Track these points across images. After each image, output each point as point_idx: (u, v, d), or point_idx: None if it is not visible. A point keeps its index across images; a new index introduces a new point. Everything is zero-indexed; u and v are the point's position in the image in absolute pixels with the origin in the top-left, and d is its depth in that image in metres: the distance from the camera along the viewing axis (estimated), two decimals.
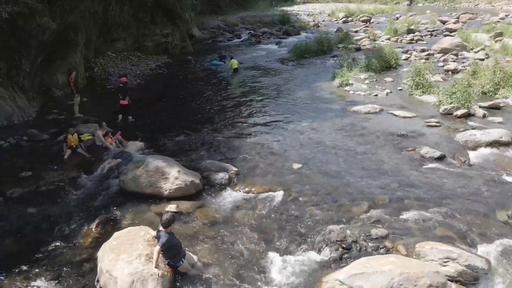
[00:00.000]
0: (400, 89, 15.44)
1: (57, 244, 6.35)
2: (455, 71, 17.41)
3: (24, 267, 5.78)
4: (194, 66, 21.09)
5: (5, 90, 11.85)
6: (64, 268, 5.78)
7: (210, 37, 30.72)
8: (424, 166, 9.04)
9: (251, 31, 33.69)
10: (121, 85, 12.53)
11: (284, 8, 49.30)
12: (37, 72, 14.00)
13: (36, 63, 13.62)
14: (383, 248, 6.21)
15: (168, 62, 21.56)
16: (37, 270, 5.73)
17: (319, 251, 6.22)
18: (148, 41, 22.32)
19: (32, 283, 5.48)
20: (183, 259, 5.58)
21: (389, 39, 26.90)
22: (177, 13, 22.99)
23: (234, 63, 19.10)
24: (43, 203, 7.56)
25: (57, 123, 11.87)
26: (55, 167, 8.91)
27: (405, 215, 7.05)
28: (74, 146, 9.72)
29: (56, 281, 5.51)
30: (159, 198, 7.64)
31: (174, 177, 7.74)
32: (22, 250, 6.22)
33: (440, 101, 13.08)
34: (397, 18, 36.51)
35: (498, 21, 31.87)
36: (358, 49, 23.45)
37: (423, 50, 22.33)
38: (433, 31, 29.98)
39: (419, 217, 6.99)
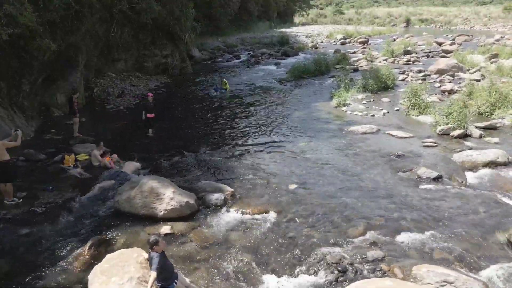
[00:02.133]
0: (397, 110, 15.55)
1: (49, 266, 6.25)
2: (451, 92, 17.58)
3: None
4: (193, 87, 21.30)
5: (3, 110, 11.94)
6: None
7: (210, 57, 31.20)
8: (421, 187, 9.01)
9: (251, 52, 34.24)
10: (147, 100, 13.19)
11: (283, 30, 50.25)
12: (37, 92, 14.15)
13: (36, 83, 13.79)
14: (379, 270, 6.12)
15: (167, 83, 21.82)
16: None
17: (314, 274, 6.12)
18: (148, 61, 22.65)
19: None
20: (176, 281, 5.48)
21: (386, 60, 27.30)
22: (177, 34, 23.41)
23: (224, 83, 19.82)
24: (37, 223, 7.48)
25: (55, 143, 11.90)
26: (51, 187, 8.87)
27: (402, 237, 6.98)
28: (72, 166, 9.72)
29: None
30: (153, 219, 7.57)
31: (169, 197, 7.70)
32: (13, 272, 6.12)
33: (436, 122, 13.15)
34: (394, 40, 37.14)
35: (494, 43, 32.42)
36: (355, 70, 23.79)
37: (419, 71, 22.62)
38: (430, 52, 30.45)
39: (416, 239, 6.92)
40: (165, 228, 7.21)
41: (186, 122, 14.69)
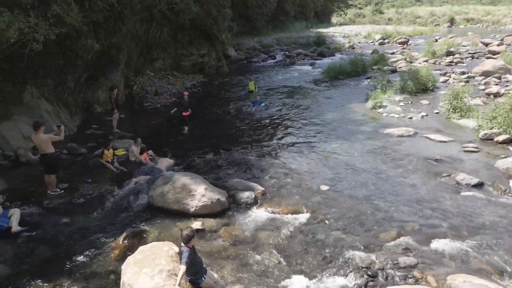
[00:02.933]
0: (437, 112, 14.95)
1: (86, 254, 6.54)
2: (497, 95, 16.62)
3: (54, 275, 5.98)
4: (228, 86, 21.55)
5: (50, 105, 12.64)
6: (91, 279, 5.94)
7: (245, 57, 31.41)
8: (459, 194, 8.61)
9: (286, 52, 34.13)
10: (183, 98, 13.56)
11: (320, 30, 49.63)
12: (81, 89, 14.87)
13: (80, 81, 14.49)
14: (411, 278, 5.92)
15: (203, 82, 22.21)
16: (65, 279, 5.92)
17: (343, 277, 6.01)
18: (185, 61, 23.16)
19: None
20: (204, 276, 5.58)
21: (426, 61, 26.28)
22: (214, 34, 23.78)
23: (251, 85, 18.54)
24: (76, 214, 7.87)
25: (95, 138, 12.45)
26: (90, 180, 9.30)
27: (437, 244, 6.71)
28: (110, 160, 10.14)
29: None
30: (185, 215, 7.74)
31: (201, 194, 7.84)
32: (54, 258, 6.47)
33: (479, 126, 12.50)
34: (436, 40, 35.67)
35: None
36: (393, 71, 23.09)
37: (463, 73, 21.57)
38: (475, 53, 28.96)
39: (452, 247, 6.63)
40: (196, 224, 7.34)
41: (220, 121, 14.89)
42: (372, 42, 42.10)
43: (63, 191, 8.69)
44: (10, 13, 9.62)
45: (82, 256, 6.49)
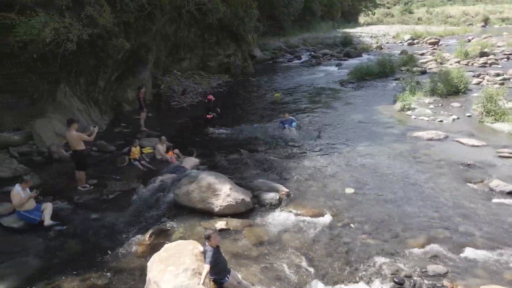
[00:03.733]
0: (469, 116, 14.42)
1: (113, 250, 6.71)
2: None
3: (82, 269, 6.17)
4: (253, 86, 21.59)
5: (82, 104, 13.05)
6: (117, 274, 6.09)
7: (271, 58, 31.39)
8: (493, 201, 8.27)
9: (312, 53, 33.86)
10: (207, 101, 13.83)
11: (347, 30, 48.96)
12: (111, 88, 15.27)
13: (110, 80, 14.89)
14: (440, 286, 5.72)
15: (228, 81, 22.34)
16: (93, 272, 6.09)
17: (368, 283, 5.89)
18: (212, 60, 23.39)
19: (87, 284, 5.82)
20: (228, 276, 5.60)
21: (458, 62, 25.39)
22: (240, 34, 23.89)
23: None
24: (104, 210, 8.09)
25: (124, 136, 12.76)
26: (118, 177, 9.53)
27: (468, 253, 6.46)
28: (137, 158, 10.36)
29: (108, 286, 5.80)
30: (209, 214, 7.80)
31: (226, 194, 7.87)
32: (83, 252, 6.67)
33: None
34: (469, 40, 34.46)
35: None
36: (423, 72, 22.46)
37: (497, 74, 20.71)
38: (510, 54, 27.71)
39: (484, 256, 6.37)
40: (220, 224, 7.38)
41: (245, 121, 14.92)
42: (401, 42, 41.10)
43: (92, 187, 8.94)
44: (46, 13, 10.00)
45: (109, 252, 6.66)
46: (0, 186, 8.67)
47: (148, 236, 7.00)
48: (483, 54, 26.67)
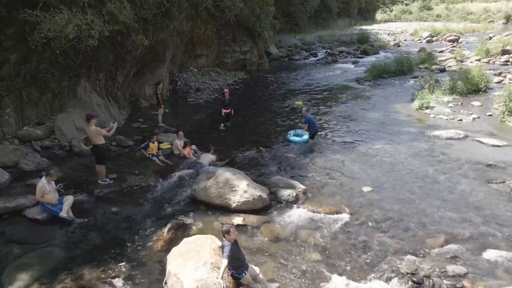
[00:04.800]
0: (490, 115, 14.12)
1: (133, 243, 6.84)
2: None
3: (103, 260, 6.32)
4: (269, 83, 21.58)
5: (101, 99, 13.29)
6: (137, 267, 6.21)
7: (287, 55, 31.28)
8: None
9: (328, 50, 33.63)
10: (223, 95, 13.62)
11: (364, 27, 48.43)
12: (129, 84, 15.50)
13: (128, 76, 15.10)
14: (460, 287, 5.66)
15: (244, 78, 22.38)
16: (113, 264, 6.23)
17: (386, 282, 5.86)
18: (228, 57, 23.45)
19: (108, 275, 5.96)
20: (245, 271, 5.66)
21: (479, 60, 24.86)
22: (256, 31, 23.87)
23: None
24: (124, 203, 8.24)
25: (141, 132, 12.94)
26: (137, 171, 9.68)
27: (489, 254, 6.36)
28: (155, 153, 10.51)
29: (128, 278, 5.93)
30: (227, 210, 7.87)
31: (243, 190, 7.93)
32: (103, 245, 6.82)
33: None
34: (490, 38, 33.66)
35: None
36: (442, 70, 22.08)
37: None
38: None
39: (505, 258, 6.26)
40: (237, 219, 7.45)
41: (262, 118, 14.94)
42: (419, 39, 40.44)
43: (112, 181, 9.10)
44: (69, 10, 10.20)
45: (129, 244, 6.80)
46: (23, 179, 8.94)
47: (166, 230, 7.10)
48: (505, 52, 26.01)
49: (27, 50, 10.78)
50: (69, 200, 7.63)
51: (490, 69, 20.96)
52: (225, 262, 5.36)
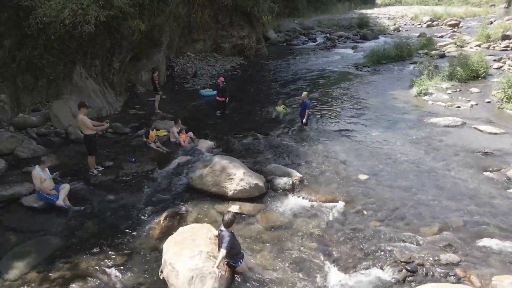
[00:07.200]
0: (488, 102, 14.08)
1: (130, 231, 6.87)
2: None
3: (100, 248, 6.35)
4: (267, 69, 21.39)
5: (98, 86, 13.15)
6: (134, 254, 6.25)
7: (285, 40, 30.91)
8: (510, 190, 8.15)
9: (327, 35, 33.22)
10: (219, 84, 13.43)
11: (363, 11, 47.75)
12: (125, 70, 15.31)
13: (125, 62, 14.91)
14: (453, 276, 5.73)
15: (242, 64, 22.16)
16: (110, 252, 6.27)
17: (380, 270, 5.92)
18: (225, 42, 23.16)
19: (104, 264, 6.01)
20: (241, 260, 5.71)
21: (479, 45, 24.65)
22: (254, 16, 23.52)
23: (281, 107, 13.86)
24: (121, 191, 8.24)
25: (138, 118, 12.85)
26: (134, 159, 9.65)
27: (482, 243, 6.43)
28: (153, 141, 10.46)
29: (124, 266, 5.97)
30: (223, 198, 7.89)
31: (239, 178, 7.94)
32: (100, 233, 6.84)
33: None
34: (491, 23, 33.27)
35: None
36: (442, 56, 21.90)
37: None
38: None
39: (499, 246, 6.34)
40: (234, 208, 7.47)
41: (259, 104, 14.84)
42: (419, 24, 39.97)
43: (104, 169, 9.01)
44: None
45: (125, 232, 6.83)
46: (20, 166, 8.91)
47: (163, 218, 7.13)
48: (505, 37, 25.77)
49: (21, 35, 10.60)
50: (65, 188, 7.61)
51: (490, 55, 20.81)
52: (223, 252, 5.35)
